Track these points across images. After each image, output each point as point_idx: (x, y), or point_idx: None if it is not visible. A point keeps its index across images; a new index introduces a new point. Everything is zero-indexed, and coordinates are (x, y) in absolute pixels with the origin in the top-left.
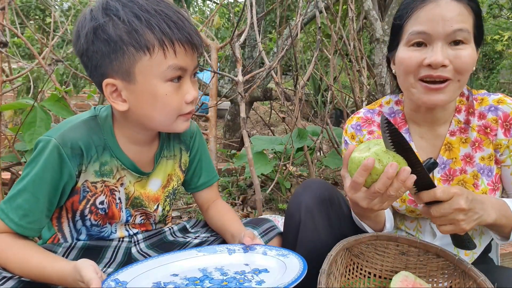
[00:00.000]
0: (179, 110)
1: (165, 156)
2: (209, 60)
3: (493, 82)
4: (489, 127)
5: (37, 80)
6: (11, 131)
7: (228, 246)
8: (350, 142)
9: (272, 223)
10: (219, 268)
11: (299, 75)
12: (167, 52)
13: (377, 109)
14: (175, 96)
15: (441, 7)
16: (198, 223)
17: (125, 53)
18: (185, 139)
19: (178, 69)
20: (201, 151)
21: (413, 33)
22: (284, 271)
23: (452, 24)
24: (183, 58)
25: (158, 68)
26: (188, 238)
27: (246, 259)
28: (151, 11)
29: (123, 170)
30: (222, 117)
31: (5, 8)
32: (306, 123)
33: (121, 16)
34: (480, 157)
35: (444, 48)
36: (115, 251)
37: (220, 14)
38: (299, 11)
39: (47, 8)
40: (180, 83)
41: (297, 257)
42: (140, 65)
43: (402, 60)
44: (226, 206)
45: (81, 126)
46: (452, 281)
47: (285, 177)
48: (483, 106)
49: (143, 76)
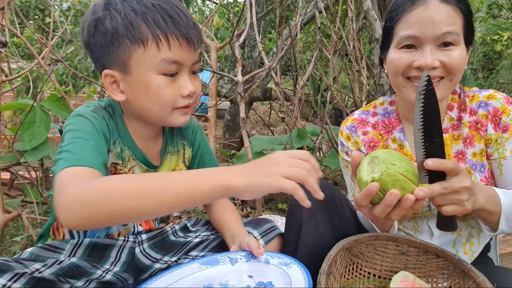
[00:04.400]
0: (173, 103)
1: (169, 151)
2: (209, 60)
3: (493, 82)
4: (480, 123)
5: (37, 80)
6: (11, 131)
7: (229, 255)
8: (346, 143)
9: (272, 223)
10: (224, 283)
11: (298, 75)
12: (160, 45)
13: (371, 111)
14: (169, 89)
15: (430, 10)
16: (199, 221)
17: (121, 45)
18: (187, 135)
19: (172, 63)
20: (203, 146)
21: (402, 37)
22: (289, 285)
23: (441, 27)
24: (178, 52)
25: (152, 61)
26: (189, 237)
27: (249, 269)
28: (148, 5)
29: (134, 160)
30: (222, 117)
31: (4, 8)
32: (305, 123)
33: (119, 9)
34: (472, 153)
35: (433, 51)
36: (120, 250)
37: (219, 14)
38: (298, 11)
39: (47, 8)
40: (175, 77)
41: (299, 268)
42: (135, 57)
43: (392, 61)
44: (229, 204)
45: (100, 108)
46: (451, 281)
47: None
48: (474, 102)
49: (138, 68)
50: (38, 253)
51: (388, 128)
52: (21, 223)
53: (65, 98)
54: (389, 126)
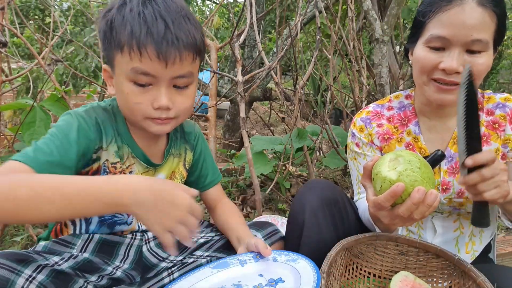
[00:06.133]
0: (143, 113)
1: (172, 153)
2: (209, 60)
3: (493, 82)
4: (497, 123)
5: (37, 80)
6: (11, 131)
7: (238, 257)
8: (358, 135)
9: (275, 227)
10: (236, 284)
11: (298, 75)
12: (132, 54)
13: (386, 104)
14: (139, 97)
15: (465, 13)
16: (203, 223)
17: (110, 46)
18: (190, 139)
19: (141, 74)
20: (205, 151)
21: (433, 36)
22: (299, 278)
23: (472, 33)
24: (149, 64)
25: (125, 67)
26: (194, 237)
27: (259, 268)
28: (135, 12)
29: (133, 158)
30: (222, 117)
31: (4, 8)
32: (305, 123)
33: (112, 13)
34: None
35: (460, 55)
36: (128, 248)
37: (219, 14)
38: (298, 11)
39: (47, 8)
40: (149, 88)
41: (307, 262)
42: (116, 60)
43: (418, 59)
44: (233, 207)
45: (95, 108)
46: (451, 281)
47: (285, 177)
48: (490, 103)
49: (118, 71)
50: (51, 246)
51: (403, 121)
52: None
53: (65, 98)
54: (405, 119)
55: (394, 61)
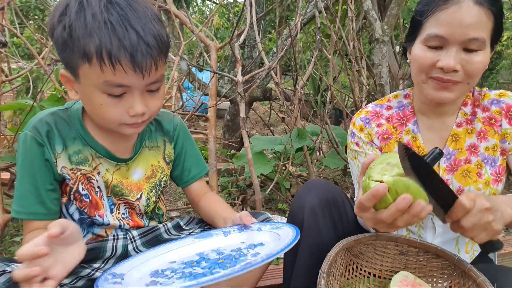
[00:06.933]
0: (118, 120)
1: (146, 146)
2: (209, 60)
3: (492, 82)
4: (493, 118)
5: (37, 80)
6: (11, 131)
7: (223, 229)
8: (358, 134)
9: (266, 215)
10: (215, 249)
11: (298, 75)
12: (104, 67)
13: (385, 104)
14: (113, 108)
15: (462, 12)
16: (192, 220)
17: (71, 54)
18: (168, 131)
19: (116, 86)
20: (187, 144)
21: (430, 35)
22: (278, 240)
23: (469, 31)
24: (123, 76)
25: (96, 79)
26: (182, 235)
27: (242, 237)
28: (101, 20)
29: (99, 158)
30: (222, 117)
31: (4, 8)
32: (305, 123)
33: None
34: (485, 147)
35: (458, 53)
36: (114, 247)
37: (219, 14)
38: (298, 11)
39: (47, 8)
40: (123, 97)
41: (290, 227)
42: (82, 70)
43: (416, 58)
44: (217, 197)
45: (48, 116)
46: (451, 281)
47: (285, 177)
48: (486, 100)
49: (84, 80)
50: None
51: (402, 120)
52: (21, 223)
53: (65, 98)
54: (404, 118)
55: (394, 61)
